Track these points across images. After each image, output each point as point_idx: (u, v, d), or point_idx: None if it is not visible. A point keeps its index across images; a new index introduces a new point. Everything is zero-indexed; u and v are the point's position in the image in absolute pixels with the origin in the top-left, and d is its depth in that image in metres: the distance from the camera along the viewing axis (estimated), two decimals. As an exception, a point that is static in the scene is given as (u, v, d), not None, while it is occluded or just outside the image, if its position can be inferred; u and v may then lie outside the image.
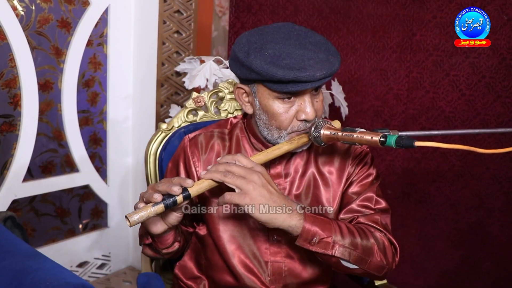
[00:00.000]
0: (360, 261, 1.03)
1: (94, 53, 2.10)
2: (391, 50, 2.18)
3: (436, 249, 2.29)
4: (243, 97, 1.14)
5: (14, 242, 1.26)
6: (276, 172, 1.17)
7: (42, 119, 1.97)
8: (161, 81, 2.19)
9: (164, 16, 2.12)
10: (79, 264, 2.20)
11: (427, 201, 2.26)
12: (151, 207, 0.93)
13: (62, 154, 2.07)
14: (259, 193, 0.94)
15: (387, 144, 0.85)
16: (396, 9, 2.14)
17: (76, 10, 1.98)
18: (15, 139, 1.89)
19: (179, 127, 1.52)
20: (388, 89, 2.21)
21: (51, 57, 1.95)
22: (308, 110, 1.04)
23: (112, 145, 2.25)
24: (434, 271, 2.31)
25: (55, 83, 1.98)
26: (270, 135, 1.10)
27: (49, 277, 1.05)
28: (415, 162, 2.24)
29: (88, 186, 2.19)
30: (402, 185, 2.27)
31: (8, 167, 1.88)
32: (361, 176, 1.18)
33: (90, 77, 2.11)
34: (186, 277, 1.28)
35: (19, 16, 1.80)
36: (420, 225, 2.29)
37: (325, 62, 1.01)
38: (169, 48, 2.18)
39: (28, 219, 2.00)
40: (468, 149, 0.79)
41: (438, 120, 2.19)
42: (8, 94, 1.84)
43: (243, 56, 1.03)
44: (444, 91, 2.16)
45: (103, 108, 2.19)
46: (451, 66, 2.13)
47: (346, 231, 1.03)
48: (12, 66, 1.82)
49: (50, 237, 2.10)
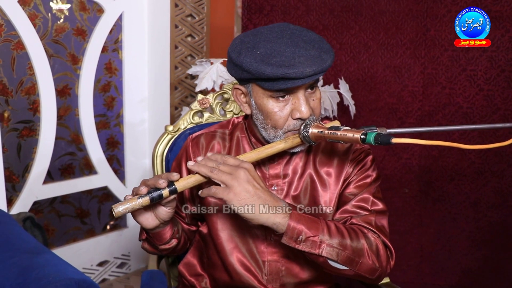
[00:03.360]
0: (349, 262, 1.02)
1: (109, 58, 2.16)
2: (404, 46, 2.15)
3: (456, 248, 2.24)
4: (241, 97, 1.15)
5: (26, 239, 1.32)
6: (274, 172, 1.18)
7: (61, 124, 2.05)
8: (175, 84, 2.24)
9: (175, 20, 2.17)
10: (99, 263, 2.28)
11: (445, 200, 2.21)
12: (136, 199, 0.96)
13: (81, 157, 2.15)
14: (244, 189, 0.95)
15: (367, 141, 0.85)
16: (409, 5, 2.11)
17: (91, 18, 2.06)
18: (35, 143, 1.97)
19: (185, 129, 1.55)
20: (403, 86, 2.18)
21: (68, 64, 2.03)
22: (302, 109, 1.03)
23: (129, 147, 2.31)
24: (455, 271, 2.26)
25: (72, 88, 2.06)
26: (267, 134, 1.10)
27: (53, 272, 1.10)
28: (432, 160, 2.20)
29: (107, 188, 2.26)
30: (419, 183, 2.23)
31: (29, 170, 1.97)
32: (359, 177, 1.16)
33: (106, 82, 2.18)
34: (189, 274, 1.31)
35: (36, 26, 1.89)
36: (439, 224, 2.24)
37: (316, 59, 1.00)
38: (182, 51, 2.23)
39: (49, 220, 2.09)
40: (451, 145, 0.77)
41: (455, 116, 2.13)
42: (28, 101, 1.93)
43: (235, 56, 1.05)
44: (461, 86, 2.11)
45: (119, 112, 2.26)
46: (468, 61, 2.08)
47: (335, 231, 1.02)
48: (31, 73, 1.91)
49: (70, 237, 2.18)
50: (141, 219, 1.05)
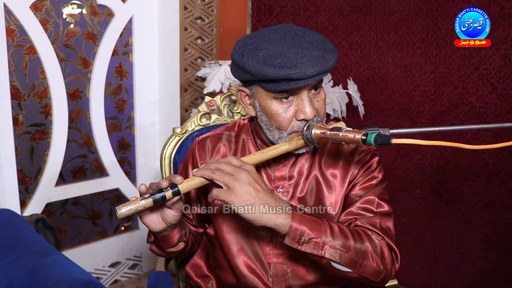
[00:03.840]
0: (353, 264, 1.01)
1: (120, 62, 2.19)
2: (415, 46, 2.12)
3: (471, 251, 2.20)
4: (245, 99, 1.15)
5: (35, 241, 1.35)
6: (280, 174, 1.17)
7: (72, 127, 2.08)
8: (185, 87, 2.25)
9: (185, 23, 2.18)
10: (111, 264, 2.30)
11: (459, 201, 2.18)
12: (140, 201, 0.96)
13: (92, 159, 2.17)
14: (245, 190, 0.95)
15: (368, 142, 0.84)
16: (419, 4, 2.09)
17: (101, 22, 2.08)
18: (47, 146, 2.01)
19: (192, 131, 1.56)
20: (414, 86, 2.15)
21: (79, 67, 2.06)
22: (306, 110, 1.03)
23: (140, 150, 2.33)
24: (469, 274, 2.22)
25: (83, 92, 2.09)
26: (272, 136, 1.10)
27: (60, 273, 1.11)
28: (445, 161, 2.16)
29: (118, 190, 2.28)
30: (432, 184, 2.20)
31: (41, 172, 2.00)
32: (364, 179, 1.15)
33: (117, 85, 2.21)
34: (196, 275, 1.31)
35: (48, 31, 1.92)
36: (453, 225, 2.20)
37: (319, 59, 1.00)
38: (192, 54, 2.24)
39: (61, 221, 2.12)
40: (453, 145, 0.76)
41: (468, 116, 2.10)
42: (40, 104, 1.96)
43: (238, 58, 1.05)
44: (474, 85, 2.08)
45: (130, 114, 2.28)
46: (480, 59, 2.05)
47: (338, 232, 1.01)
48: (43, 78, 1.94)
49: (83, 238, 2.21)
50: (148, 222, 1.06)
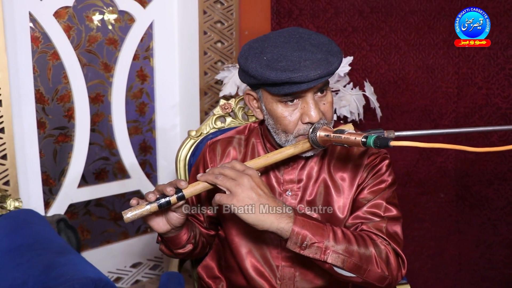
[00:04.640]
0: (356, 269, 0.99)
1: (141, 66, 2.23)
2: (437, 46, 2.07)
3: (497, 257, 2.13)
4: (253, 103, 1.15)
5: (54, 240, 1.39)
6: (289, 177, 1.17)
7: (94, 130, 2.13)
8: (204, 90, 2.27)
9: (204, 27, 2.21)
10: (133, 265, 2.34)
11: (484, 205, 2.11)
12: (145, 206, 0.99)
13: (114, 162, 2.22)
14: (247, 195, 0.95)
15: (368, 144, 0.83)
16: (441, 3, 2.04)
17: (122, 27, 2.13)
18: (70, 149, 2.07)
19: (207, 134, 1.57)
20: (436, 88, 2.10)
21: (101, 72, 2.11)
22: (311, 113, 1.02)
23: (161, 152, 2.37)
24: (496, 281, 2.14)
25: (105, 96, 2.14)
26: (279, 139, 1.10)
27: (72, 271, 1.15)
28: (469, 164, 2.10)
29: (139, 192, 2.32)
30: (455, 188, 2.14)
31: (64, 174, 2.07)
32: (373, 182, 1.13)
33: (138, 88, 2.25)
34: (207, 276, 1.32)
35: (70, 37, 1.98)
36: (478, 230, 2.13)
37: (322, 62, 0.99)
38: (211, 57, 2.26)
39: (84, 222, 2.17)
40: (454, 148, 0.73)
41: (493, 117, 2.04)
42: (63, 108, 2.02)
43: (242, 62, 1.06)
44: (500, 86, 2.01)
45: (151, 117, 2.32)
46: (506, 59, 1.98)
47: (341, 237, 1.00)
48: (66, 82, 2.00)
49: (105, 238, 2.26)
50: (152, 223, 1.08)
